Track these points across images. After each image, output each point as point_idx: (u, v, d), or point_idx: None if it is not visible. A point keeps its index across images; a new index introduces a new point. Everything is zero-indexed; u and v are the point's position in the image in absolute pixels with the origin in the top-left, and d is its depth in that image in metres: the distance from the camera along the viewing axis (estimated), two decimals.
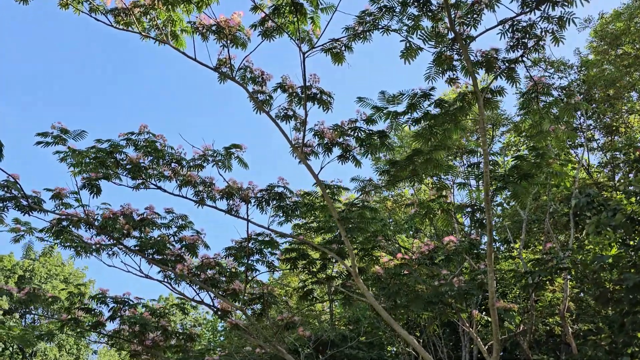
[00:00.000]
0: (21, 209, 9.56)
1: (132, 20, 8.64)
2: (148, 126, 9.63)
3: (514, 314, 8.73)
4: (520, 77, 8.16)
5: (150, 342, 11.44)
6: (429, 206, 9.14)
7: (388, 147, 9.13)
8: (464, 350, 14.05)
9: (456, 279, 9.02)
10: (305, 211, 10.41)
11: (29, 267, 43.60)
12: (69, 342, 43.57)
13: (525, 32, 7.83)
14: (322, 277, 10.71)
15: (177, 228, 10.54)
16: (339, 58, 8.48)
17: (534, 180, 8.74)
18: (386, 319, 9.21)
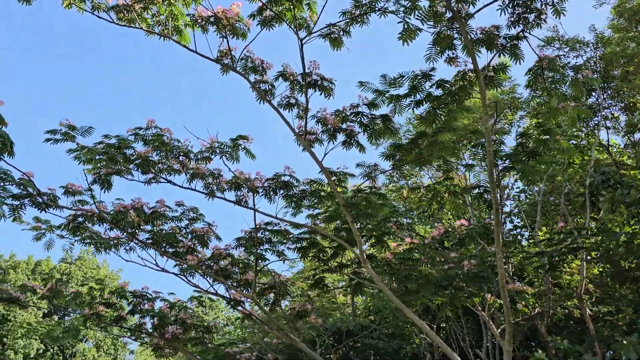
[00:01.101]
0: (37, 206, 9.83)
1: (134, 17, 8.80)
2: (155, 121, 9.81)
3: (527, 296, 8.53)
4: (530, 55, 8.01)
5: (170, 336, 11.65)
6: (436, 189, 9.03)
7: (392, 131, 9.05)
8: (486, 337, 13.84)
9: (466, 262, 8.87)
10: (315, 201, 10.43)
11: (66, 270, 44.96)
12: (107, 343, 44.77)
13: (525, 7, 7.66)
14: (334, 265, 10.71)
15: (188, 220, 10.69)
16: (337, 43, 8.45)
17: (542, 159, 8.53)
18: (397, 305, 9.15)
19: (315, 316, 10.75)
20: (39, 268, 44.08)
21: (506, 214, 15.10)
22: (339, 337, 14.19)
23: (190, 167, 10.04)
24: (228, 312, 39.01)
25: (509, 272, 12.43)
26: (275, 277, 10.67)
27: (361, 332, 14.39)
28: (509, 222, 15.06)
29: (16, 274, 41.30)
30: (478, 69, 7.68)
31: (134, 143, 9.74)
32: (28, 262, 44.09)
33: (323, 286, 10.82)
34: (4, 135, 8.33)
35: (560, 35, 13.84)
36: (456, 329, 14.37)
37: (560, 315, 11.95)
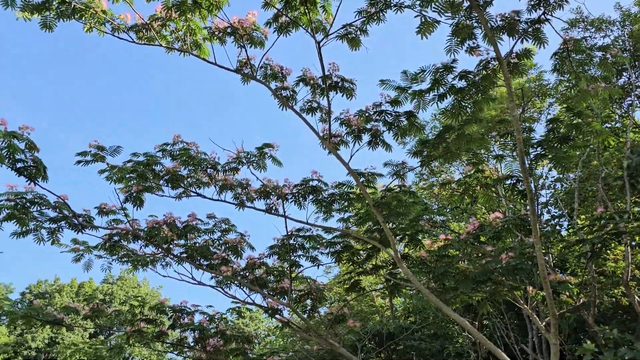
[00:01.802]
0: (74, 227, 10.05)
1: (153, 35, 8.94)
2: (181, 136, 9.94)
3: (570, 287, 8.22)
4: (554, 39, 7.80)
5: (211, 348, 11.71)
6: (467, 183, 8.84)
7: (417, 127, 8.92)
8: (531, 332, 13.45)
9: (504, 254, 8.64)
10: (345, 204, 10.36)
11: (108, 290, 46.03)
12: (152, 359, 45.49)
13: None
14: (369, 267, 10.59)
15: (220, 232, 10.76)
16: (355, 43, 8.40)
17: (575, 144, 8.26)
18: (436, 303, 8.98)
19: (354, 320, 10.64)
20: (82, 290, 45.27)
21: (542, 204, 14.69)
22: (380, 340, 14.02)
23: (219, 179, 10.11)
24: (268, 322, 39.18)
25: (549, 263, 12.06)
26: (311, 283, 10.62)
27: (402, 334, 14.19)
28: (546, 213, 14.66)
29: (61, 297, 42.48)
30: (501, 56, 7.50)
31: (162, 159, 9.89)
32: (72, 285, 45.34)
33: (359, 289, 10.71)
34: (37, 161, 8.55)
35: (584, 17, 13.45)
36: (499, 325, 14.01)
37: (608, 305, 11.52)
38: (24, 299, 44.25)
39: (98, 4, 8.27)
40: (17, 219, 9.18)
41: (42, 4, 7.89)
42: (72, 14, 8.11)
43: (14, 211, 9.08)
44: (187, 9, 8.17)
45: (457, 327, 14.85)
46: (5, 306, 11.09)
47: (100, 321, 12.09)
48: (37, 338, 39.78)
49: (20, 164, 8.35)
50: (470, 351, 13.16)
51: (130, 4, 8.51)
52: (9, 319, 11.20)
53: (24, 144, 8.05)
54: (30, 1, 7.79)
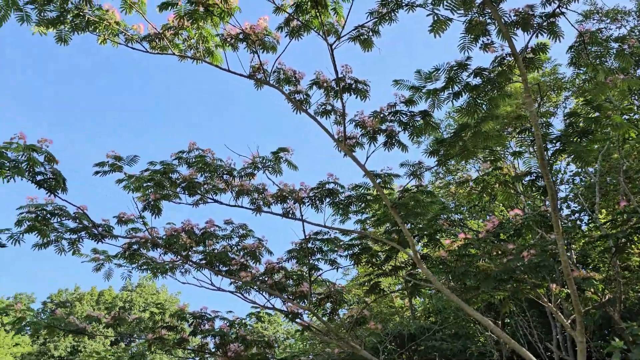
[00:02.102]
0: (94, 237, 10.14)
1: (166, 44, 9.00)
2: (196, 143, 9.99)
3: (595, 283, 8.09)
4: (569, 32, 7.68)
5: (232, 354, 11.73)
6: (485, 181, 8.74)
7: (433, 127, 8.85)
8: (555, 329, 13.27)
9: (526, 252, 8.52)
10: (362, 206, 10.32)
11: (128, 298, 46.48)
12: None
13: None
14: (388, 269, 10.53)
15: (238, 238, 10.78)
16: (367, 44, 8.36)
17: (595, 137, 8.12)
18: (457, 303, 8.89)
19: (375, 322, 10.58)
20: (102, 298, 45.76)
21: (562, 199, 14.49)
22: (401, 341, 13.93)
23: (235, 184, 10.14)
24: (287, 325, 39.22)
25: (572, 259, 11.88)
26: (330, 286, 10.58)
27: (423, 334, 14.09)
28: (565, 208, 14.45)
29: (81, 306, 42.97)
30: (516, 52, 7.41)
31: (179, 167, 9.94)
32: (92, 293, 45.86)
33: (379, 291, 10.64)
34: (56, 173, 8.66)
35: (599, 8, 13.26)
36: (522, 323, 13.84)
37: (634, 300, 11.30)
38: (45, 309, 44.86)
39: (111, 15, 8.34)
40: (38, 230, 9.30)
41: (57, 18, 7.98)
42: (86, 26, 8.20)
43: (35, 223, 9.20)
44: (199, 17, 8.20)
45: (479, 327, 14.70)
46: (28, 316, 11.17)
47: (122, 329, 12.17)
48: (60, 347, 40.29)
49: (40, 176, 8.45)
50: (493, 350, 13.01)
51: (143, 14, 8.58)
52: (33, 329, 11.33)
53: (43, 156, 8.15)
54: (45, 16, 7.87)
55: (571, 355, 12.43)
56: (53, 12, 8.04)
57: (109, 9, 8.39)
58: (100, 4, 8.28)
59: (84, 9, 8.16)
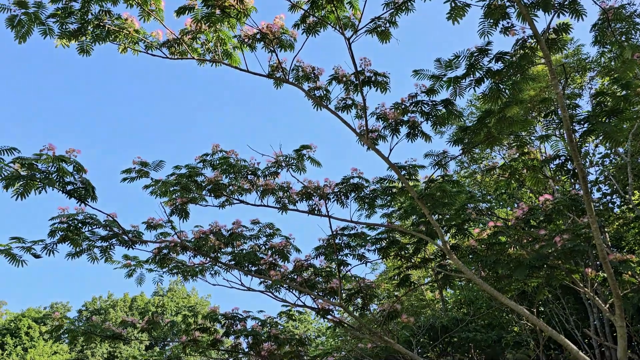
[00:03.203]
0: (124, 244, 10.29)
1: (185, 49, 9.07)
2: (220, 145, 10.05)
3: (632, 265, 7.89)
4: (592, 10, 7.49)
5: (265, 353, 11.80)
6: (512, 167, 8.60)
7: (456, 115, 8.74)
8: (592, 315, 13.00)
9: (558, 237, 8.36)
10: (388, 199, 10.26)
11: (159, 302, 47.22)
12: None
13: None
14: (418, 261, 10.45)
15: (266, 237, 10.82)
16: (385, 36, 8.30)
17: (625, 116, 7.90)
18: (490, 292, 8.77)
19: (407, 315, 10.51)
20: (135, 304, 46.59)
21: (592, 182, 14.18)
22: (434, 334, 13.83)
23: (260, 184, 10.17)
24: (317, 323, 39.32)
25: (606, 242, 11.61)
26: (360, 282, 10.55)
27: (456, 326, 13.95)
28: (596, 191, 14.14)
29: (115, 312, 43.82)
30: (538, 33, 7.25)
31: (203, 170, 10.02)
32: (125, 300, 46.73)
33: (409, 284, 10.57)
34: (85, 182, 8.80)
35: None
36: (557, 310, 13.59)
37: None
38: (81, 316, 45.87)
39: (130, 24, 8.44)
40: (70, 240, 9.48)
41: (79, 30, 8.12)
42: (106, 36, 8.32)
43: (67, 233, 9.38)
44: (216, 19, 8.25)
45: (513, 316, 14.50)
46: (65, 324, 11.43)
47: (156, 333, 12.34)
48: (97, 353, 41.17)
49: (70, 186, 8.60)
50: (529, 339, 12.82)
51: (161, 21, 8.66)
52: (70, 337, 11.59)
53: (72, 166, 8.30)
54: (67, 28, 8.01)
55: (610, 341, 12.16)
56: (74, 24, 8.19)
57: (128, 17, 8.50)
58: (119, 13, 8.40)
59: (104, 19, 8.28)
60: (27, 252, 9.18)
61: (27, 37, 7.75)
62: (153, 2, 8.48)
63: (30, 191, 8.04)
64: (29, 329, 41.49)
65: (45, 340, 41.11)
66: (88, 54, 8.38)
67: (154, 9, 8.57)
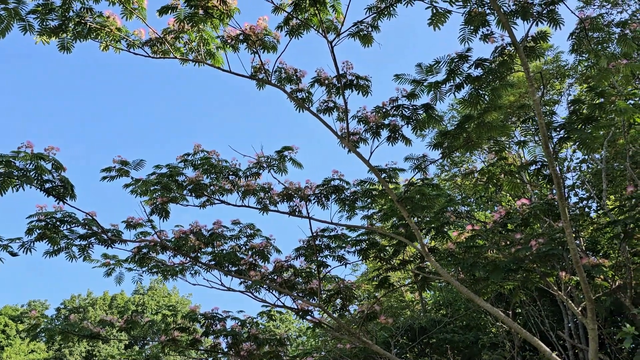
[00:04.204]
0: (103, 243, 10.23)
1: (168, 48, 9.05)
2: (201, 145, 10.04)
3: (604, 269, 8.07)
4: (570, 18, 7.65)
5: (245, 353, 11.80)
6: (490, 171, 8.74)
7: (436, 119, 8.86)
8: (566, 318, 13.25)
9: (534, 241, 8.52)
10: (368, 201, 10.34)
11: (140, 301, 46.78)
12: None
13: None
14: (397, 263, 10.56)
15: (246, 237, 10.84)
16: (367, 40, 8.38)
17: (599, 124, 8.09)
18: (467, 295, 8.90)
19: (385, 316, 10.61)
20: (114, 302, 46.09)
21: (569, 187, 14.45)
22: (412, 335, 13.96)
23: (241, 184, 10.18)
24: (299, 323, 39.36)
25: (581, 246, 11.85)
26: (340, 283, 10.62)
27: (434, 327, 14.11)
28: (573, 195, 14.42)
29: (94, 311, 43.31)
30: (516, 41, 7.40)
31: (185, 169, 10.00)
32: (104, 298, 46.21)
33: (388, 285, 10.67)
34: (64, 180, 8.74)
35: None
36: (533, 312, 13.82)
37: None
38: (59, 315, 45.24)
39: (112, 22, 8.40)
40: (48, 238, 9.41)
41: (59, 27, 8.05)
42: (88, 34, 8.26)
43: (45, 231, 9.30)
44: (199, 19, 8.25)
45: (490, 318, 14.70)
46: (43, 323, 11.30)
47: (135, 332, 12.27)
48: (75, 352, 40.66)
49: (49, 184, 8.53)
50: (505, 341, 13.02)
51: (144, 20, 8.63)
52: (47, 335, 11.46)
53: (50, 164, 8.23)
54: (48, 25, 7.94)
55: (584, 343, 12.40)
56: (55, 20, 8.12)
57: (110, 15, 8.45)
58: (101, 10, 8.35)
59: (85, 16, 8.22)
60: (3, 250, 9.09)
61: (6, 33, 7.65)
62: (135, 0, 8.44)
63: (8, 188, 7.97)
64: (5, 327, 40.83)
65: (22, 339, 40.48)
66: (69, 51, 8.31)
67: (137, 7, 8.53)
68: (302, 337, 31.47)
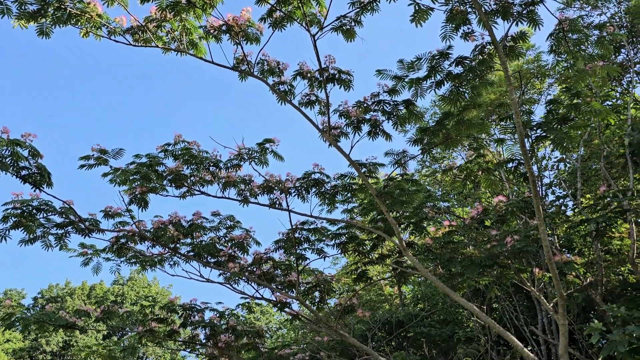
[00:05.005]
0: (81, 232, 10.13)
1: (149, 37, 8.97)
2: (182, 135, 9.99)
3: (576, 266, 8.26)
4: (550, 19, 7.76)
5: (223, 344, 11.82)
6: (468, 168, 8.86)
7: (417, 116, 8.94)
8: (540, 313, 13.50)
9: (509, 238, 8.68)
10: (348, 195, 10.41)
11: (119, 292, 46.38)
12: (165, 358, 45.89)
13: None
14: (375, 257, 10.66)
15: (226, 229, 10.83)
16: (350, 34, 8.40)
17: (575, 124, 8.25)
18: (443, 290, 9.03)
19: (363, 310, 10.72)
20: (93, 292, 45.65)
21: (546, 185, 14.70)
22: (390, 328, 14.12)
23: (222, 176, 10.17)
24: (279, 316, 39.45)
25: (555, 244, 12.08)
26: (318, 276, 10.69)
27: (411, 321, 14.29)
28: (550, 194, 14.67)
29: (73, 300, 42.84)
30: (496, 40, 7.49)
31: (165, 159, 9.94)
32: (83, 288, 45.72)
33: (367, 279, 10.77)
34: (41, 168, 8.63)
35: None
36: (508, 308, 14.07)
37: (615, 283, 11.55)
38: (36, 304, 44.65)
39: (93, 8, 8.29)
40: (24, 226, 9.29)
41: (38, 11, 7.92)
42: (67, 19, 8.14)
43: (21, 219, 9.18)
44: (182, 8, 8.19)
45: (467, 312, 14.92)
46: (18, 312, 11.17)
47: (113, 323, 12.19)
48: (52, 342, 40.23)
49: (25, 171, 8.42)
50: (480, 335, 13.24)
51: (125, 7, 8.53)
52: (23, 325, 11.33)
53: (27, 151, 8.12)
54: (26, 9, 7.81)
55: (556, 338, 12.66)
56: (34, 4, 7.98)
57: (90, 1, 8.34)
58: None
59: (65, 1, 8.10)
60: None
61: None
62: None
63: None
64: None
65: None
66: (47, 37, 8.19)
67: None
68: (283, 329, 31.56)
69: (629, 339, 6.22)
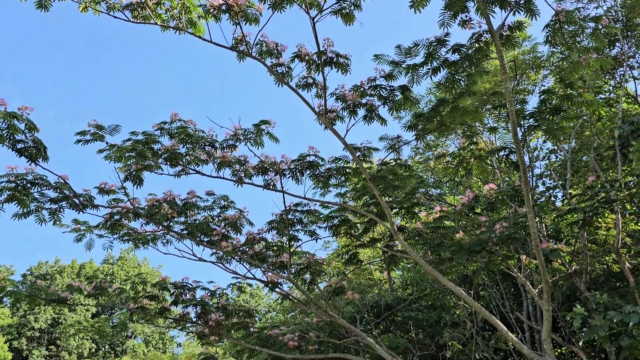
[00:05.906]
0: (75, 207, 10.18)
1: (148, 14, 8.96)
2: (179, 114, 10.02)
3: (562, 254, 8.45)
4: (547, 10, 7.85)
5: (213, 323, 11.97)
6: (461, 155, 8.99)
7: (412, 101, 9.03)
8: (525, 300, 13.77)
9: (498, 225, 8.85)
10: (342, 179, 10.53)
11: (109, 271, 46.47)
12: (155, 337, 46.20)
13: None
14: (366, 240, 10.81)
15: (220, 209, 10.93)
16: (349, 18, 8.44)
17: (567, 114, 8.40)
18: (432, 274, 9.22)
19: (352, 292, 10.90)
20: (83, 271, 45.72)
21: (537, 175, 14.90)
22: (378, 311, 14.34)
23: (217, 156, 10.23)
24: (269, 298, 39.77)
25: (543, 232, 12.29)
26: (309, 257, 10.84)
27: (400, 305, 14.52)
28: (540, 184, 14.88)
29: (62, 278, 42.92)
30: (493, 29, 7.58)
31: (161, 137, 9.99)
32: (72, 266, 45.78)
33: (357, 261, 10.94)
34: (37, 141, 8.65)
35: None
36: (495, 294, 14.33)
37: (599, 272, 11.81)
38: (25, 281, 44.63)
39: None
40: (18, 200, 9.30)
41: None
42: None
43: (15, 193, 9.20)
44: None
45: (454, 298, 15.17)
46: (9, 286, 11.22)
47: (103, 300, 12.29)
48: (40, 319, 40.34)
49: (21, 144, 8.44)
50: (467, 320, 13.50)
51: None
52: (13, 299, 11.36)
53: (23, 124, 8.13)
54: None
55: (540, 325, 12.95)
56: None
57: None
58: None
59: None
60: None
61: None
62: None
63: None
64: None
65: None
66: (47, 10, 8.17)
67: None
68: (272, 312, 31.83)
69: (609, 324, 6.43)
